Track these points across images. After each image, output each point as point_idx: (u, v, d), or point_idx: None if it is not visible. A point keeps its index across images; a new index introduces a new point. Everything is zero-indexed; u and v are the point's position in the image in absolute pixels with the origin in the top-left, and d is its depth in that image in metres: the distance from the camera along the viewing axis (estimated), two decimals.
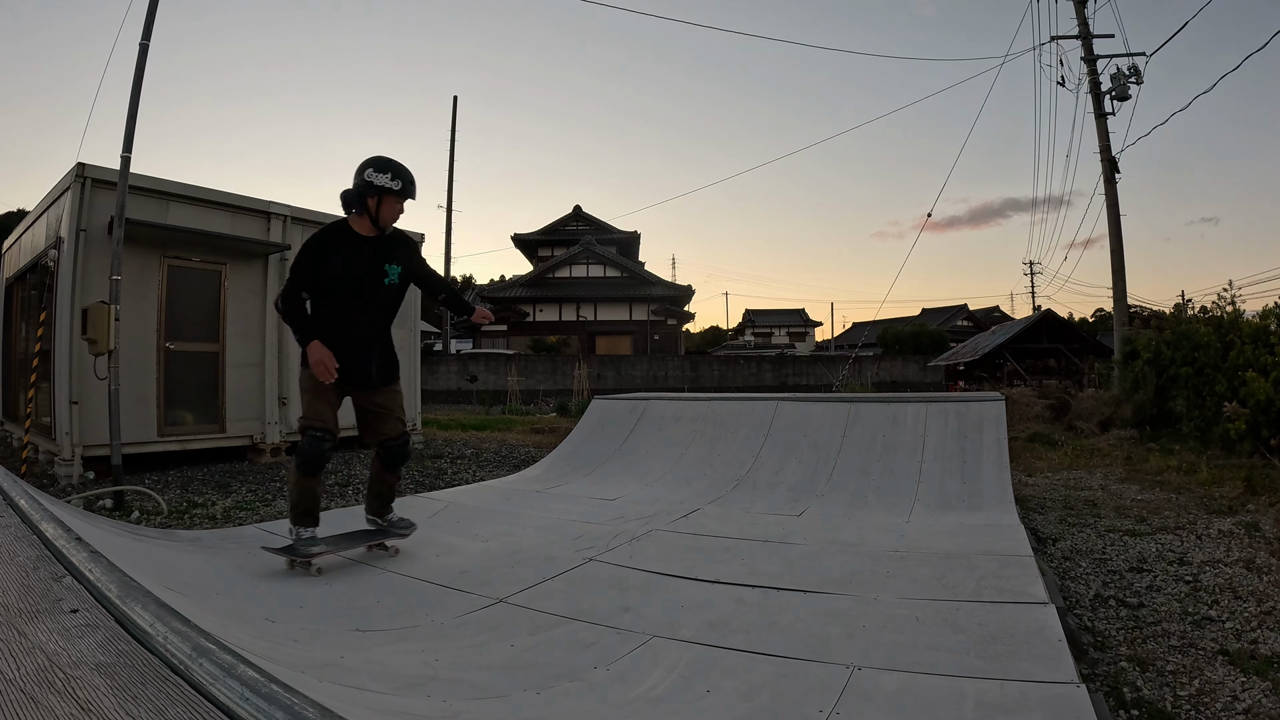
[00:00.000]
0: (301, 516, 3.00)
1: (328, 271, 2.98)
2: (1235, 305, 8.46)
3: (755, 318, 54.46)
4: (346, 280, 3.00)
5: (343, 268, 2.99)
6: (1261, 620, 2.57)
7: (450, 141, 26.56)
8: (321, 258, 2.98)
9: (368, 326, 3.11)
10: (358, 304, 3.04)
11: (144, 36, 5.18)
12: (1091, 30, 13.31)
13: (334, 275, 2.98)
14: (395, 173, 3.01)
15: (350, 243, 3.05)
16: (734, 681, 1.93)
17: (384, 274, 3.09)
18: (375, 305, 3.11)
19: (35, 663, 1.19)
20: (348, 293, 3.01)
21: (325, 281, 2.99)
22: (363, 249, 3.05)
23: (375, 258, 3.07)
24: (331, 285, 2.99)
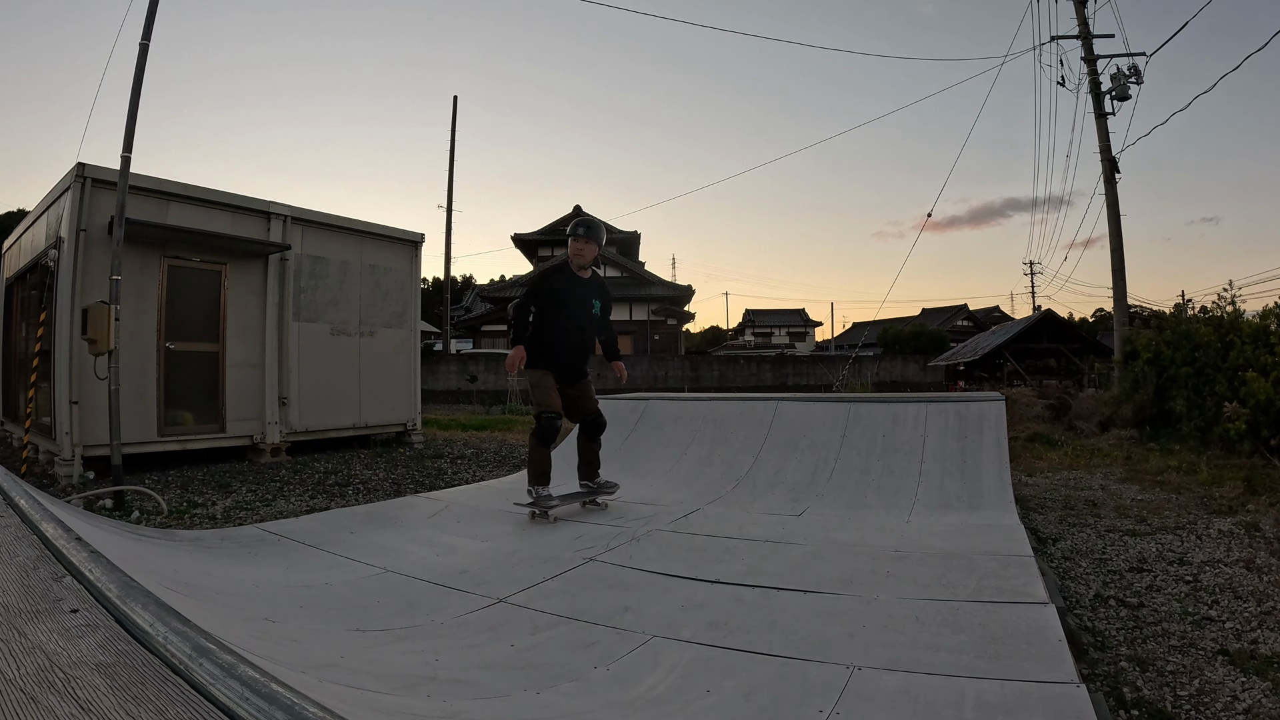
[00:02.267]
0: (538, 477, 4.03)
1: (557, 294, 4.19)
2: (1235, 305, 8.47)
3: (755, 318, 54.44)
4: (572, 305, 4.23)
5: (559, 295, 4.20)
6: (1261, 620, 2.57)
7: (450, 142, 26.49)
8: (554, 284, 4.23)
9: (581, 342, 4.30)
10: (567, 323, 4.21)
11: (144, 37, 5.18)
12: (1091, 30, 13.31)
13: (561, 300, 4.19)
14: (579, 223, 4.20)
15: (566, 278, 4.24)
16: (734, 681, 1.93)
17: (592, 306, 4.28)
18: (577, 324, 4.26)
19: (35, 663, 1.19)
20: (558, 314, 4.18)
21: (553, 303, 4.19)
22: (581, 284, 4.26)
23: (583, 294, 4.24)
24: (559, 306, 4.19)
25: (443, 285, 28.27)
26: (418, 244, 8.98)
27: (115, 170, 5.34)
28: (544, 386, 4.12)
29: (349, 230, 8.15)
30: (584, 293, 4.23)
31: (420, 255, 9.04)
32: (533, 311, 4.15)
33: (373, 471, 6.53)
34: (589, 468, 4.35)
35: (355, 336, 8.10)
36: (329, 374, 7.77)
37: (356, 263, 8.17)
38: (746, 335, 52.60)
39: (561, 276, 4.23)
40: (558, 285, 4.19)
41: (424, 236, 9.04)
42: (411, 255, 8.92)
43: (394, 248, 8.69)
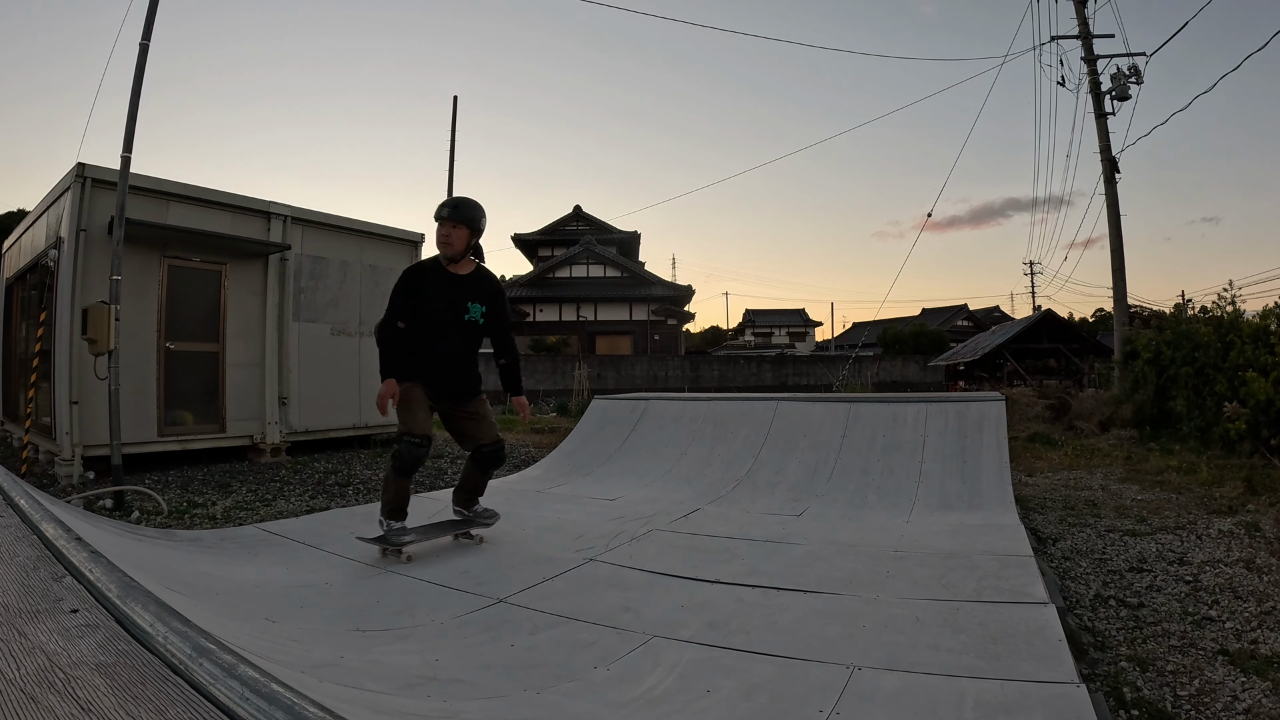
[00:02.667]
0: (394, 511, 3.32)
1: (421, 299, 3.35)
2: (1235, 305, 8.47)
3: (755, 318, 54.42)
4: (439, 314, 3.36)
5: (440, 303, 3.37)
6: (1261, 620, 2.56)
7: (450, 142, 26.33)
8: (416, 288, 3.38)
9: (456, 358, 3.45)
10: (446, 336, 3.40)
11: (144, 37, 5.18)
12: (1091, 30, 13.31)
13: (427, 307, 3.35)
14: (444, 204, 3.37)
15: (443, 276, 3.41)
16: (734, 681, 1.93)
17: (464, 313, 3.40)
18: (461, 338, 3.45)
19: (35, 663, 1.19)
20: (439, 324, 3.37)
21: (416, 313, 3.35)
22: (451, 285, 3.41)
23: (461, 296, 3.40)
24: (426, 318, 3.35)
25: None
26: (418, 244, 8.98)
27: (115, 170, 5.34)
28: (410, 401, 3.29)
29: (349, 230, 8.14)
30: (457, 294, 3.37)
31: (420, 255, 9.04)
32: (401, 325, 3.30)
33: (373, 471, 6.53)
34: (467, 495, 3.58)
35: (355, 336, 8.09)
36: (329, 374, 7.77)
37: (356, 263, 8.17)
38: (746, 335, 52.58)
39: (428, 276, 3.37)
40: (420, 286, 3.34)
41: (424, 236, 9.03)
42: (411, 255, 8.91)
43: (394, 248, 8.69)
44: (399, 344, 3.28)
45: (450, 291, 3.35)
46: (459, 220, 3.33)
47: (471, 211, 3.38)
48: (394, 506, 3.32)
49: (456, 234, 3.33)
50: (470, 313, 3.39)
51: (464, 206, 3.36)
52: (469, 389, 3.48)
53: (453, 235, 3.32)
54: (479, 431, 3.50)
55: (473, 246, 3.42)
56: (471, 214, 3.37)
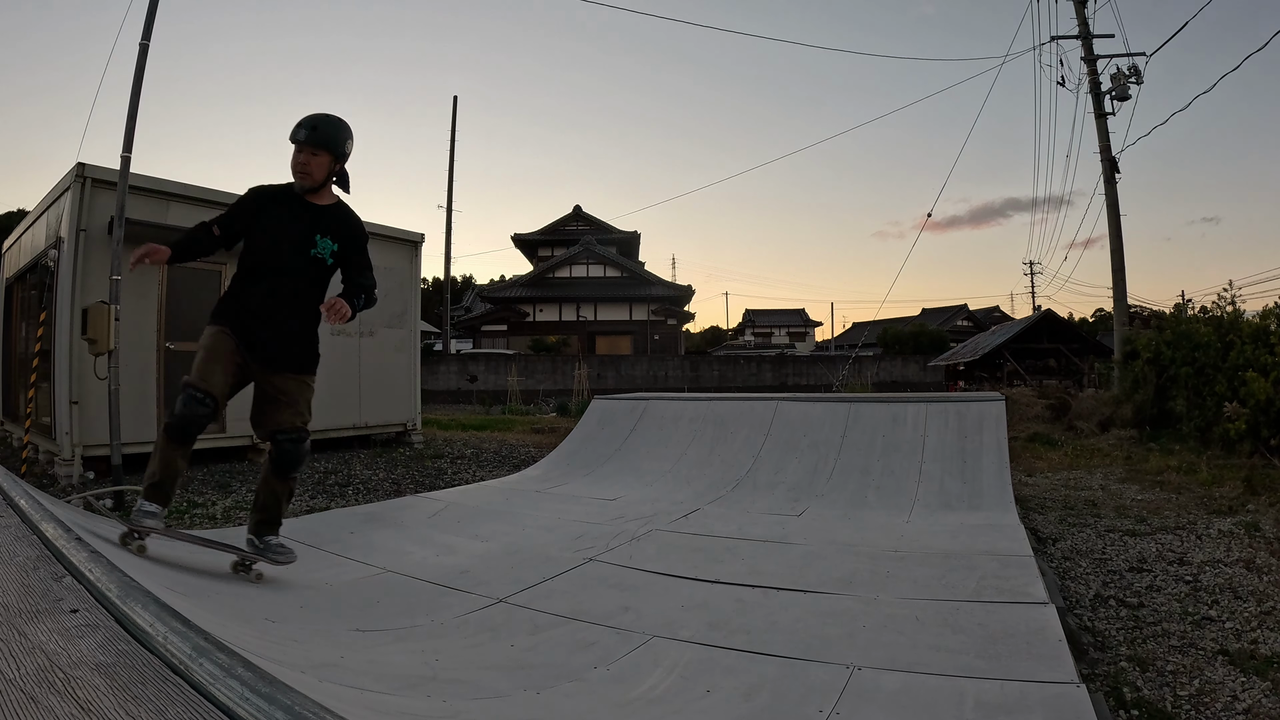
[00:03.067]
0: (153, 490, 2.62)
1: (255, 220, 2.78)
2: (1235, 305, 8.48)
3: (755, 318, 54.45)
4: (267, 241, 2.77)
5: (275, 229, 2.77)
6: (1261, 620, 2.57)
7: (450, 142, 26.50)
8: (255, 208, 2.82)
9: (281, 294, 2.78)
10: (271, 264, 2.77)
11: (144, 36, 5.18)
12: (1091, 30, 13.31)
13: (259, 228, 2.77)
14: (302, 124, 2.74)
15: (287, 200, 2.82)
16: (734, 681, 1.93)
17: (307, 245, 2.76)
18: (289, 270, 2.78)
19: (35, 663, 1.19)
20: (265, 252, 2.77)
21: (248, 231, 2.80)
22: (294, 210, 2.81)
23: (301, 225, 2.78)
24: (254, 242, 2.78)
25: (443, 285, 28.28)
26: (418, 244, 8.98)
27: (115, 170, 5.34)
28: (209, 350, 2.68)
29: None
30: (307, 225, 2.75)
31: (420, 255, 9.04)
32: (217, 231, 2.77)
33: (373, 471, 6.53)
34: (260, 515, 2.85)
35: (355, 336, 8.09)
36: (329, 374, 7.69)
37: None
38: (746, 335, 52.60)
39: (276, 199, 2.82)
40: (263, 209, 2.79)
41: (424, 236, 9.04)
42: (411, 255, 8.92)
43: (394, 248, 8.69)
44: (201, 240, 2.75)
45: (299, 219, 2.77)
46: (319, 145, 2.75)
47: (335, 133, 2.78)
48: (154, 482, 2.63)
49: (316, 161, 2.76)
50: (318, 248, 2.76)
51: (325, 127, 2.76)
52: (291, 355, 2.80)
53: (311, 163, 2.75)
54: (279, 414, 2.76)
55: (336, 174, 2.85)
56: (335, 136, 2.78)
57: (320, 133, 2.75)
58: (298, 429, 2.79)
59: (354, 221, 2.93)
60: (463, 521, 4.09)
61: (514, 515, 4.25)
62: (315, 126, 2.74)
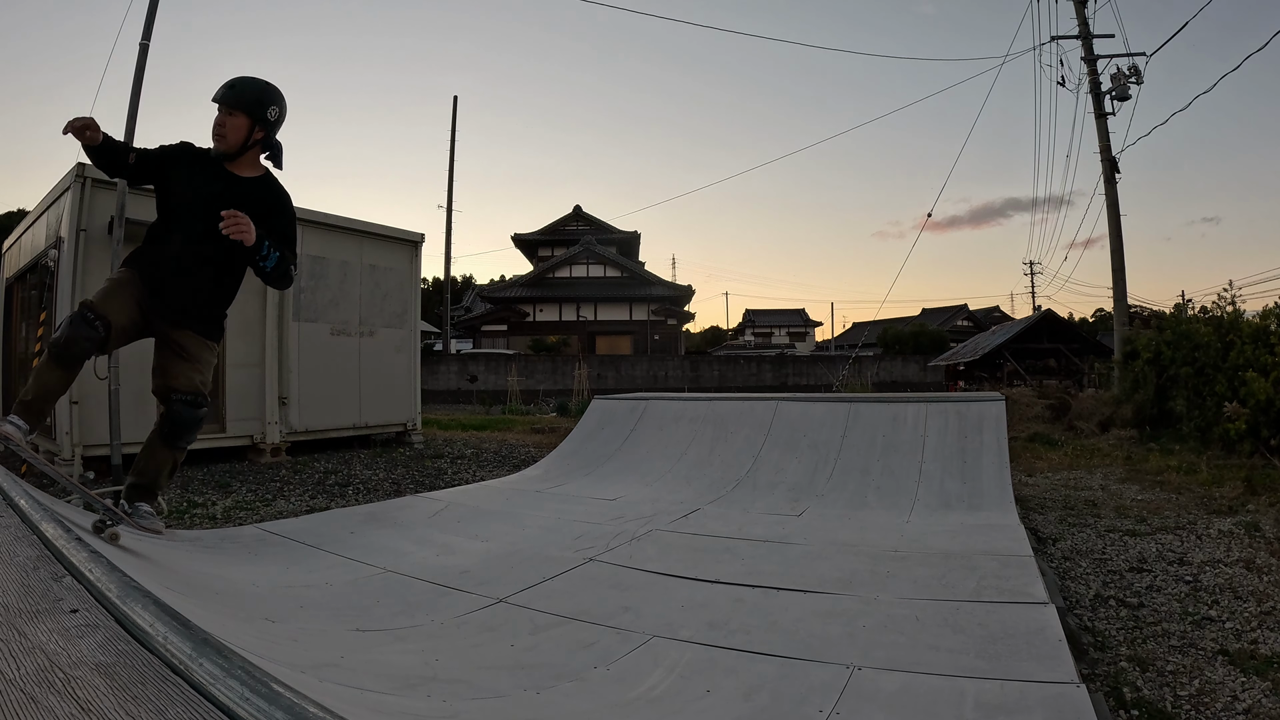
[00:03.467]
0: (24, 407, 2.50)
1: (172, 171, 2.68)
2: (1235, 305, 8.47)
3: (755, 318, 54.47)
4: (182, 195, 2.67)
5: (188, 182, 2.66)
6: (1261, 620, 2.57)
7: (450, 142, 26.53)
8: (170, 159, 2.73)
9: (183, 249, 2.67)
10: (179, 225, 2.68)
11: (144, 36, 5.19)
12: (1091, 30, 13.32)
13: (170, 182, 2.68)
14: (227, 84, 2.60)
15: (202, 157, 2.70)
16: (734, 681, 1.93)
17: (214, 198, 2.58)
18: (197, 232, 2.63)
19: (35, 663, 1.19)
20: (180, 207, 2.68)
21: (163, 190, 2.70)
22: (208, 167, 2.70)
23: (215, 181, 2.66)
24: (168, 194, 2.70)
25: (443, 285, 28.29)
26: (418, 244, 8.98)
27: None
28: (115, 283, 2.62)
29: (349, 230, 8.14)
30: (215, 190, 2.60)
31: (420, 255, 9.04)
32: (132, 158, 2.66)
33: (373, 471, 6.53)
34: (141, 481, 2.77)
35: (355, 336, 8.09)
36: (329, 374, 7.77)
37: (356, 263, 8.17)
38: (746, 335, 52.62)
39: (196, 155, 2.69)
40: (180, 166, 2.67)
41: (424, 236, 9.04)
42: (411, 255, 8.92)
43: (394, 248, 8.69)
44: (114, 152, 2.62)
45: (213, 187, 2.61)
46: (235, 105, 2.57)
47: (255, 95, 2.60)
48: (27, 400, 2.51)
49: (232, 123, 2.58)
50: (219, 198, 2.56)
51: (244, 88, 2.59)
52: (193, 315, 2.69)
53: (227, 123, 2.58)
54: (177, 371, 2.66)
55: (258, 142, 2.67)
56: (254, 98, 2.60)
57: (237, 92, 2.58)
58: (196, 391, 2.69)
59: (278, 194, 2.75)
60: (463, 521, 4.09)
61: (514, 515, 4.25)
62: (233, 86, 2.59)
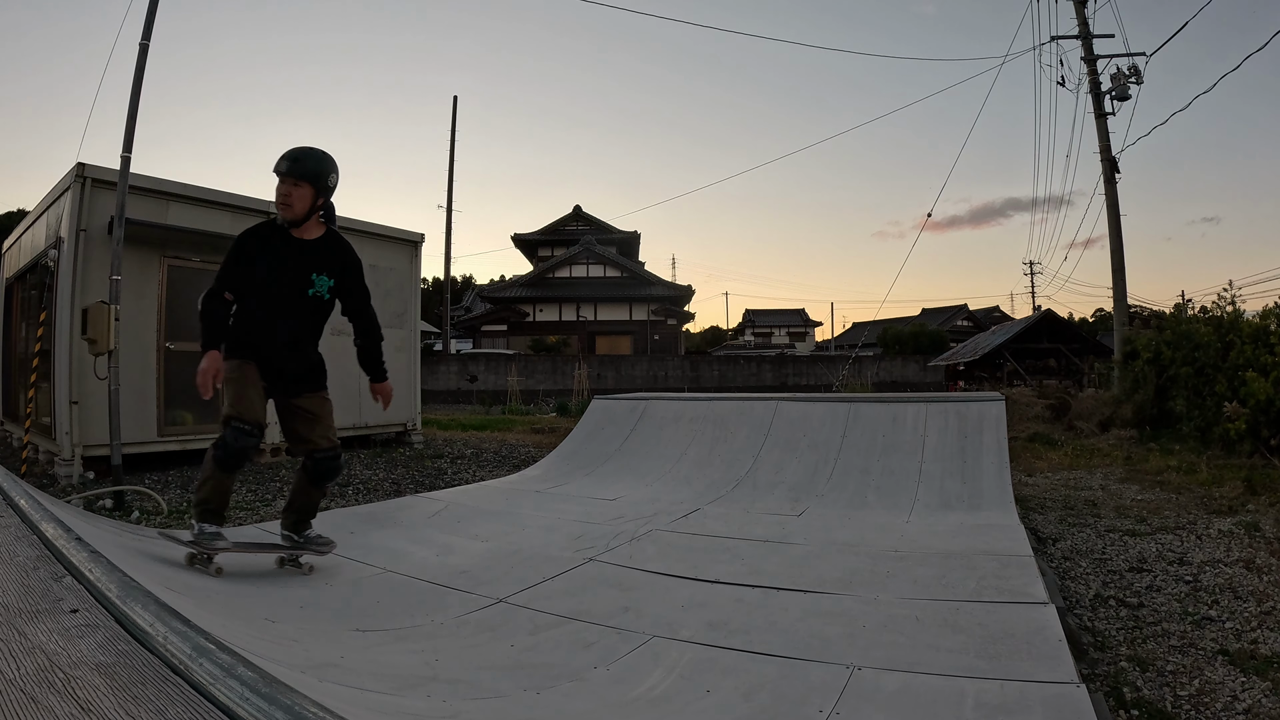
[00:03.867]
0: (209, 513, 2.75)
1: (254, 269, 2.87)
2: (1235, 305, 8.46)
3: (755, 318, 54.46)
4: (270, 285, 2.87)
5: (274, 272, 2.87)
6: (1261, 620, 2.57)
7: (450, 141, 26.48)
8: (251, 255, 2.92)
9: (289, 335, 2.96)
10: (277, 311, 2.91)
11: (144, 36, 5.18)
12: (1091, 30, 13.32)
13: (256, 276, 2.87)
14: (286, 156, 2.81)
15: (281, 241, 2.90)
16: (734, 681, 1.93)
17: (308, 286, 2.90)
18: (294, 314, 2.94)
19: (35, 663, 1.19)
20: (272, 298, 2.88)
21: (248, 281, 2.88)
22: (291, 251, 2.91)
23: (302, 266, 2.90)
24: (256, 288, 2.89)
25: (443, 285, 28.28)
26: (418, 244, 8.98)
27: (115, 170, 5.34)
28: (240, 382, 2.78)
29: (348, 230, 8.05)
30: (300, 263, 2.84)
31: (420, 255, 9.03)
32: (228, 296, 2.82)
33: (373, 471, 6.53)
34: (298, 515, 3.03)
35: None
36: (329, 374, 7.76)
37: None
38: (746, 335, 52.62)
39: (267, 241, 2.86)
40: (257, 254, 2.84)
41: (424, 236, 9.03)
42: (411, 255, 8.92)
43: (394, 248, 8.68)
44: (225, 317, 2.79)
45: (292, 261, 2.83)
46: (301, 177, 2.76)
47: (317, 165, 2.79)
48: (210, 507, 2.76)
49: (298, 193, 2.77)
50: (315, 286, 2.88)
51: (306, 160, 2.78)
52: (307, 379, 3.00)
53: (293, 195, 2.76)
54: (312, 434, 2.97)
55: (320, 207, 2.87)
56: (317, 169, 2.78)
57: (301, 165, 2.77)
58: (333, 445, 3.02)
59: (346, 251, 3.00)
60: (463, 521, 4.09)
61: (514, 515, 4.26)
62: (297, 159, 2.77)
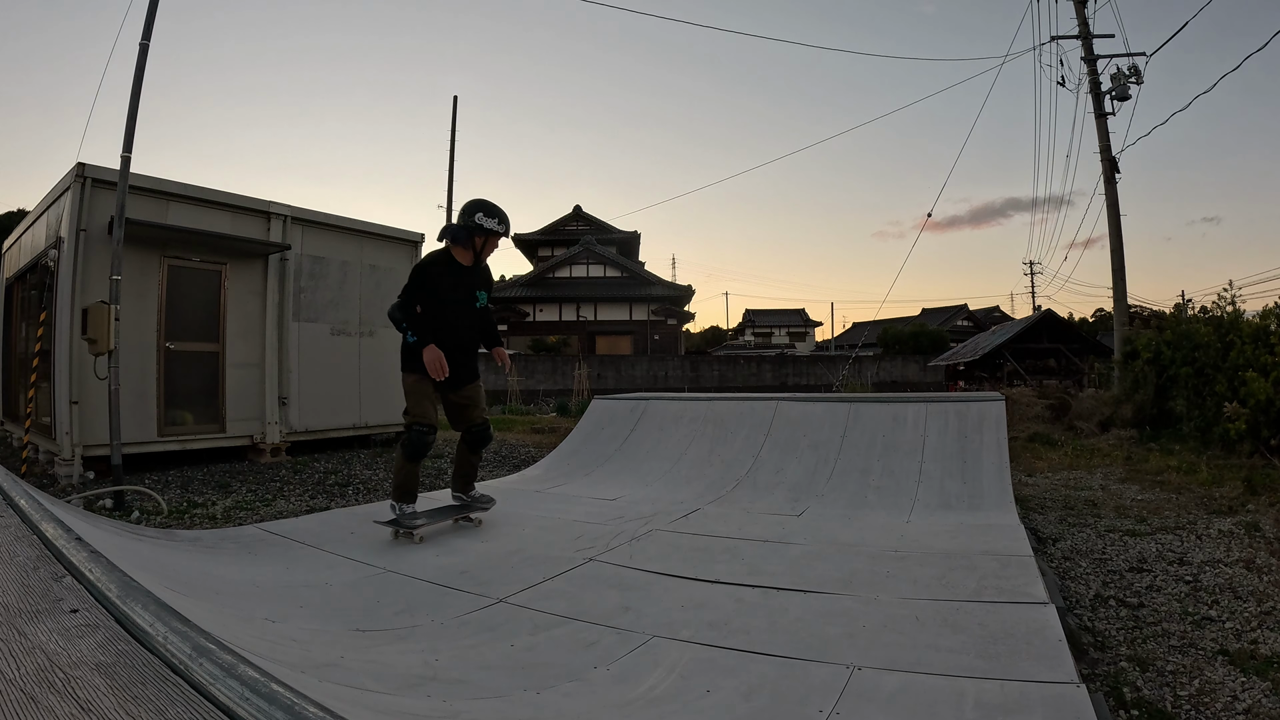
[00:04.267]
0: (404, 495, 3.61)
1: (437, 291, 3.63)
2: (1235, 305, 8.46)
3: (755, 318, 54.44)
4: (451, 302, 3.67)
5: (450, 290, 3.66)
6: (1261, 620, 2.57)
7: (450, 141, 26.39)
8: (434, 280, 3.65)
9: (465, 338, 3.77)
10: (458, 319, 3.72)
11: (144, 36, 5.18)
12: (1091, 30, 13.31)
13: (441, 296, 3.64)
14: (500, 218, 3.68)
15: (454, 270, 3.71)
16: (734, 681, 1.93)
17: (476, 298, 3.80)
18: (468, 320, 3.78)
19: (35, 663, 1.19)
20: (451, 310, 3.68)
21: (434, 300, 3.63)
22: (464, 275, 3.73)
23: (472, 284, 3.77)
24: (438, 304, 3.64)
25: None
26: (418, 244, 8.98)
27: (115, 170, 5.34)
28: (419, 394, 3.64)
29: (349, 230, 8.15)
30: (469, 283, 3.74)
31: (420, 255, 9.03)
32: (419, 309, 3.64)
33: (373, 471, 6.53)
34: (464, 480, 3.95)
35: (355, 336, 8.10)
36: (329, 374, 7.77)
37: (356, 263, 8.17)
38: (746, 335, 52.60)
39: (446, 269, 3.71)
40: (440, 281, 3.67)
41: (424, 236, 9.04)
42: (411, 255, 8.92)
43: (394, 248, 8.69)
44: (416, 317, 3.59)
45: (465, 281, 3.71)
46: (507, 233, 3.77)
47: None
48: (405, 490, 3.61)
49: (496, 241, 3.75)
50: (480, 300, 3.81)
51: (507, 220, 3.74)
52: (471, 374, 3.84)
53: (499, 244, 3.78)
54: (471, 414, 3.86)
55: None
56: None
57: (508, 224, 3.71)
58: (486, 421, 3.93)
59: (490, 272, 3.94)
60: (463, 521, 4.08)
61: (514, 515, 4.25)
62: (507, 220, 3.70)
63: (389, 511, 3.64)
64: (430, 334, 3.57)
